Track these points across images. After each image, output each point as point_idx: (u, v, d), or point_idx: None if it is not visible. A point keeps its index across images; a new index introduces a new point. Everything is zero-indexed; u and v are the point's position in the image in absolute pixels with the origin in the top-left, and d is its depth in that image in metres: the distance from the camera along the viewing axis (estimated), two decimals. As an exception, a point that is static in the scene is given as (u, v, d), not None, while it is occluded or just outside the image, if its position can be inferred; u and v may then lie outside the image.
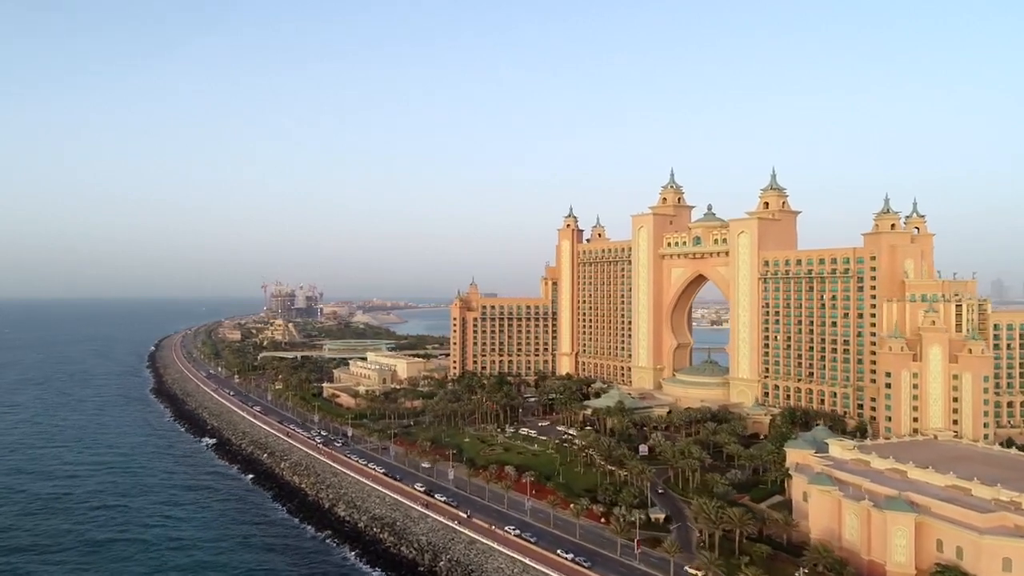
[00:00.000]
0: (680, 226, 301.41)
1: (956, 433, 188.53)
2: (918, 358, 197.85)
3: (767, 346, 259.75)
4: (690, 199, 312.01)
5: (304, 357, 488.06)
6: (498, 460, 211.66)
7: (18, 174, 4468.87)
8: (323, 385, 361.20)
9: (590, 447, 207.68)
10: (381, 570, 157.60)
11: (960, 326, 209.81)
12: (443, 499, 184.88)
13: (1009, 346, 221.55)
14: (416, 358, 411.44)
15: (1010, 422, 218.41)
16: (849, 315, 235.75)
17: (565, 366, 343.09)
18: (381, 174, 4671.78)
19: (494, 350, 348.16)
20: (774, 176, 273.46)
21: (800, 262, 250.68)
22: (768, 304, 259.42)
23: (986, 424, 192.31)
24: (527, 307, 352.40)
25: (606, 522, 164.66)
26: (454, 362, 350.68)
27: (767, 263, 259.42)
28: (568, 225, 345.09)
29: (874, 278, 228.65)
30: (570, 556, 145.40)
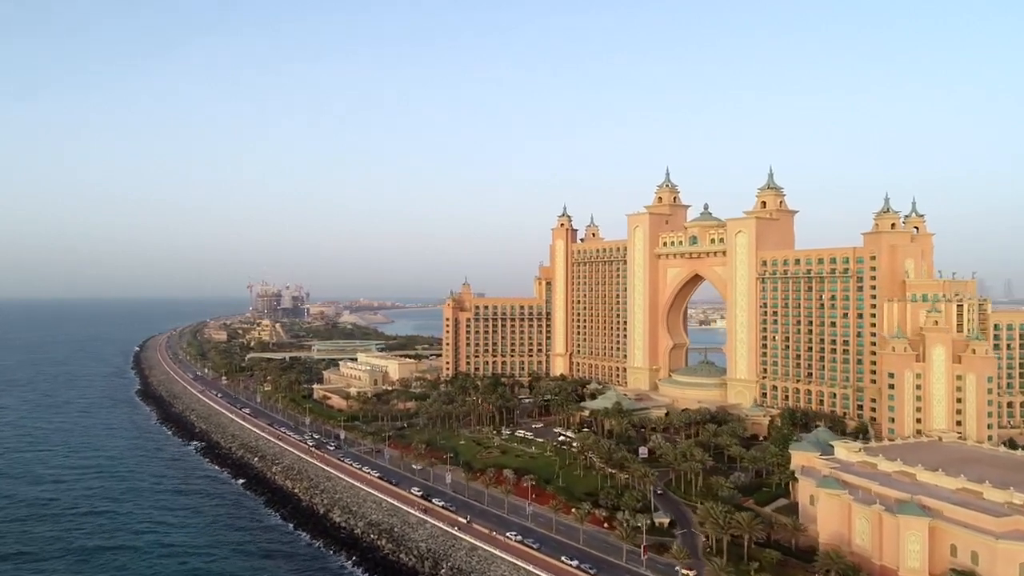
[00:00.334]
0: (676, 226, 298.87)
1: (960, 434, 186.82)
2: (921, 359, 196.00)
3: (765, 346, 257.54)
4: (685, 199, 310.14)
5: (293, 358, 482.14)
6: (496, 463, 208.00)
7: (15, 174, 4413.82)
8: (313, 387, 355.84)
9: (590, 450, 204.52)
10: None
11: (961, 326, 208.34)
12: (441, 504, 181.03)
13: (1009, 346, 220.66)
14: (407, 359, 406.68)
15: (1010, 422, 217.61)
16: (848, 315, 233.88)
17: (559, 367, 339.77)
18: (369, 174, 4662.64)
19: (487, 351, 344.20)
20: (771, 175, 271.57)
21: (799, 262, 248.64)
22: (766, 304, 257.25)
23: (990, 425, 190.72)
24: (521, 307, 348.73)
25: (609, 527, 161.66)
26: (447, 363, 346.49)
27: (765, 263, 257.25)
28: (562, 224, 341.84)
29: (874, 278, 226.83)
30: (575, 563, 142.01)
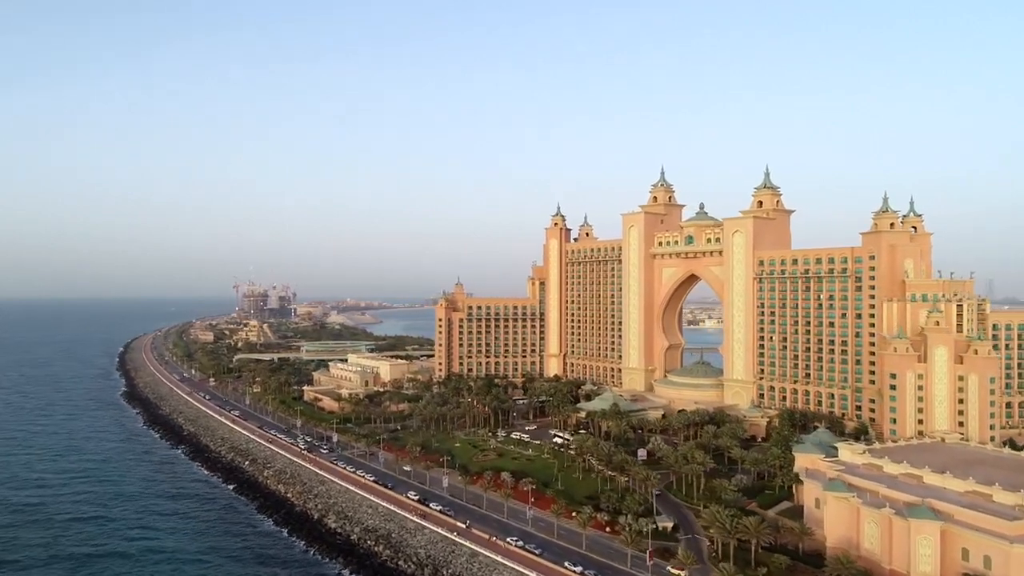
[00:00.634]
0: (671, 225, 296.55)
1: (963, 436, 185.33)
2: (922, 359, 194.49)
3: (762, 347, 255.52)
4: (680, 198, 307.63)
5: (281, 359, 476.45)
6: (493, 466, 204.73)
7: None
8: (303, 388, 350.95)
9: (589, 452, 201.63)
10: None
11: (961, 326, 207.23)
12: (439, 508, 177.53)
13: (1008, 346, 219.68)
14: (398, 360, 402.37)
15: (1008, 422, 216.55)
16: (847, 315, 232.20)
17: (553, 367, 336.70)
18: (357, 174, 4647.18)
19: (480, 351, 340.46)
20: (768, 175, 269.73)
21: (796, 261, 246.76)
22: (763, 304, 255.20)
23: (992, 426, 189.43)
24: (514, 307, 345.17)
25: (611, 531, 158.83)
26: (439, 364, 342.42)
27: (762, 262, 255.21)
28: (556, 224, 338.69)
29: (873, 278, 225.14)
30: (579, 569, 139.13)
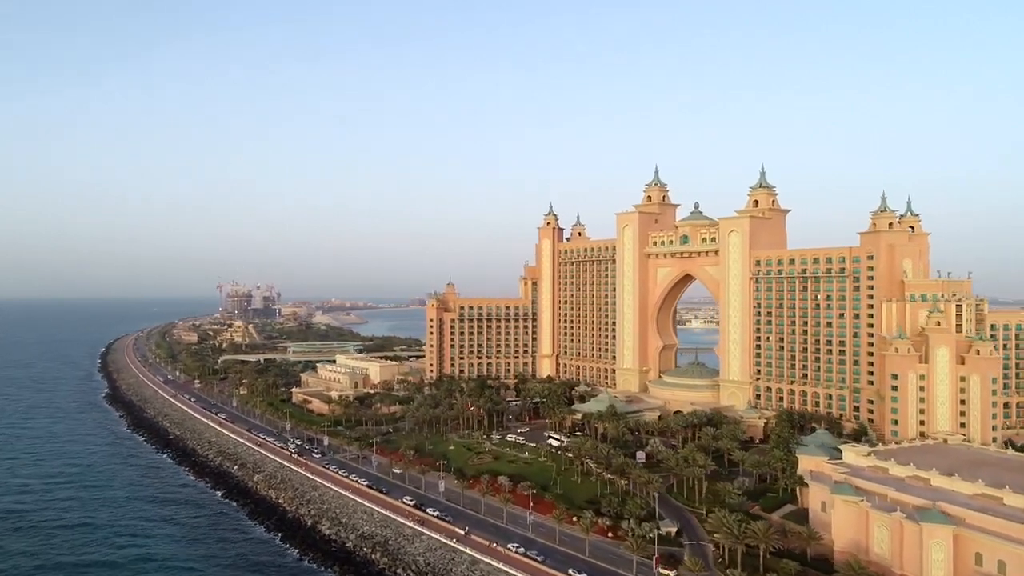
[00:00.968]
0: (665, 225, 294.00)
1: (965, 437, 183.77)
2: (923, 359, 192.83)
3: (759, 347, 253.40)
4: (673, 198, 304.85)
5: (267, 360, 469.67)
6: (489, 470, 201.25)
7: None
8: (292, 390, 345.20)
9: (587, 455, 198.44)
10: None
11: (960, 326, 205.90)
12: (436, 513, 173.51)
13: (1006, 346, 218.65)
14: (387, 360, 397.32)
15: (1007, 423, 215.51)
16: (845, 315, 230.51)
17: (546, 368, 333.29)
18: (345, 173, 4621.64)
19: (472, 352, 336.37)
20: (763, 174, 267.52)
21: (793, 261, 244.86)
22: (760, 304, 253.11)
23: (994, 427, 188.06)
24: (506, 308, 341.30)
25: (614, 536, 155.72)
26: (430, 365, 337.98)
27: (759, 262, 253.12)
28: (548, 223, 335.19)
29: (871, 277, 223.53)
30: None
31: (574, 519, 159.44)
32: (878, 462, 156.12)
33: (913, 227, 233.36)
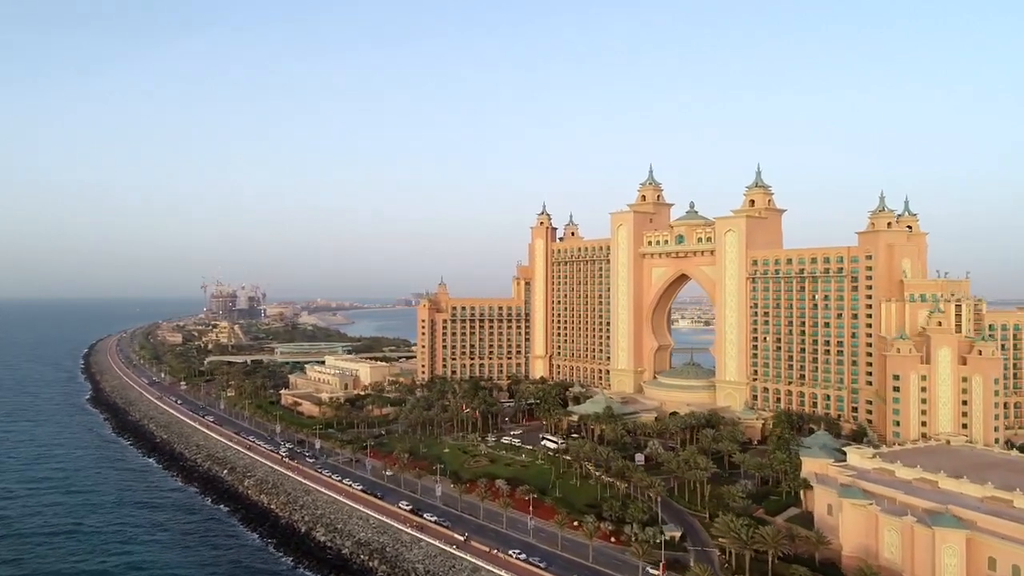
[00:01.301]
0: (659, 224, 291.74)
1: (968, 438, 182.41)
2: (925, 360, 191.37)
3: (756, 348, 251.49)
4: (667, 198, 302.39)
5: (255, 361, 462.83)
6: (486, 473, 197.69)
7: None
8: (281, 392, 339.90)
9: (586, 458, 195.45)
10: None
11: (959, 327, 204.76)
12: (433, 519, 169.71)
13: (1004, 347, 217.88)
14: (377, 361, 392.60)
15: (1005, 423, 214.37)
16: (843, 316, 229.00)
17: (539, 369, 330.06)
18: (330, 172, 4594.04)
19: (464, 353, 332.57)
20: (759, 173, 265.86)
21: (791, 261, 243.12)
22: (757, 304, 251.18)
23: (996, 428, 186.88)
24: (499, 308, 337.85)
25: (617, 542, 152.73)
26: (422, 366, 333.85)
27: (756, 262, 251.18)
28: (541, 223, 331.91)
29: (869, 277, 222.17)
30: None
31: (575, 524, 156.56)
32: (883, 464, 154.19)
33: (911, 227, 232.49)
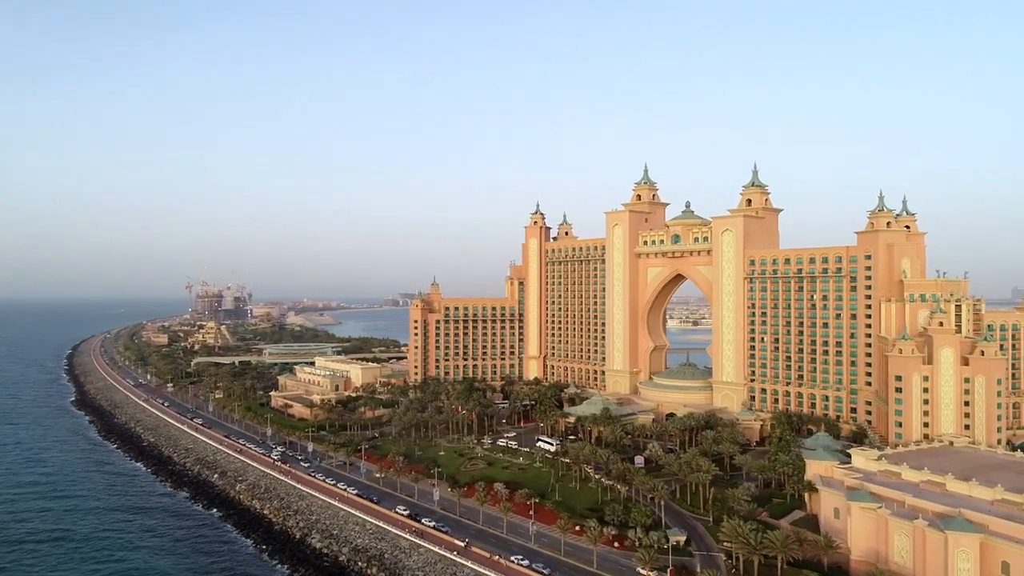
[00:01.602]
0: (655, 224, 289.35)
1: (971, 439, 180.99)
2: (927, 360, 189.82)
3: (753, 348, 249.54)
4: (662, 197, 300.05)
5: (243, 363, 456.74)
6: (483, 476, 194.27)
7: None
8: (271, 394, 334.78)
9: (586, 461, 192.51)
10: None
11: (960, 327, 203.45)
12: (432, 524, 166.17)
13: (1002, 347, 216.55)
14: (368, 362, 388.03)
15: (1004, 423, 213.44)
16: (842, 316, 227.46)
17: (533, 370, 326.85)
18: (316, 171, 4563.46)
19: (457, 354, 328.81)
20: (756, 173, 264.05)
21: (789, 261, 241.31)
22: (754, 305, 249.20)
23: (999, 429, 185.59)
24: (492, 308, 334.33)
25: (620, 547, 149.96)
26: (415, 367, 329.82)
27: (753, 262, 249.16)
28: (535, 222, 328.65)
29: (869, 277, 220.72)
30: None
31: (577, 528, 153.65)
32: (889, 466, 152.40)
33: (909, 226, 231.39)
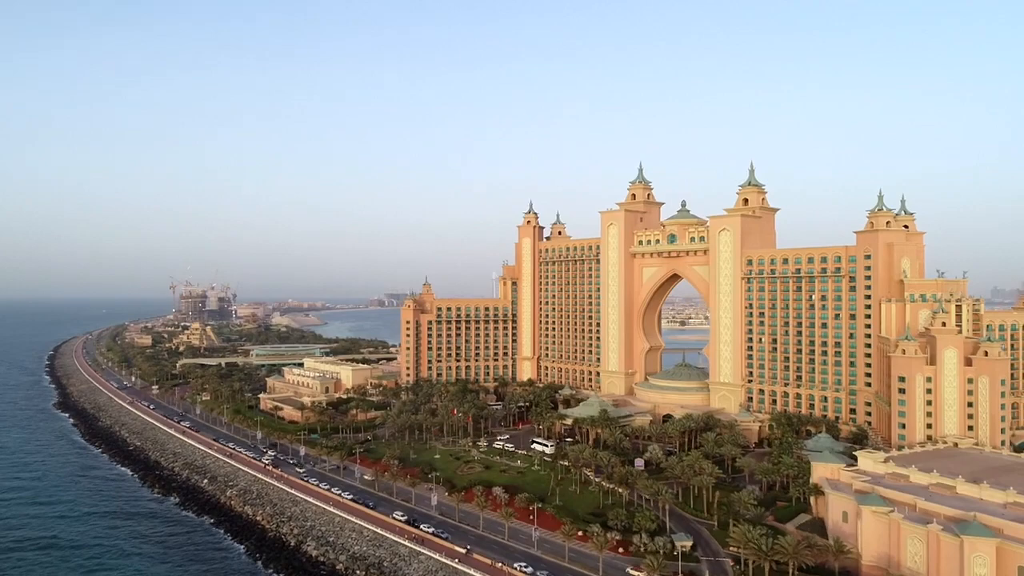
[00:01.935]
0: (650, 223, 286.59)
1: (975, 440, 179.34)
2: (930, 361, 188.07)
3: (751, 349, 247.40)
4: (657, 197, 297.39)
5: (229, 364, 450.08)
6: (481, 480, 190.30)
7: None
8: (260, 396, 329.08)
9: (586, 464, 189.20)
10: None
11: (960, 327, 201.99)
12: (431, 530, 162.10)
13: (1002, 347, 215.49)
14: (358, 364, 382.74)
15: (1009, 424, 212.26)
16: (841, 316, 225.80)
17: (526, 371, 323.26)
18: (306, 171, 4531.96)
19: (450, 355, 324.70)
20: (752, 172, 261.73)
21: (787, 261, 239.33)
22: (752, 305, 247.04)
23: (1003, 430, 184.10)
24: (485, 309, 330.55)
25: (625, 552, 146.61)
26: (407, 368, 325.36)
27: (751, 262, 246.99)
28: (528, 222, 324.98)
29: (868, 277, 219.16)
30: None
31: (580, 533, 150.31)
32: (897, 469, 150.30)
33: (907, 226, 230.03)
